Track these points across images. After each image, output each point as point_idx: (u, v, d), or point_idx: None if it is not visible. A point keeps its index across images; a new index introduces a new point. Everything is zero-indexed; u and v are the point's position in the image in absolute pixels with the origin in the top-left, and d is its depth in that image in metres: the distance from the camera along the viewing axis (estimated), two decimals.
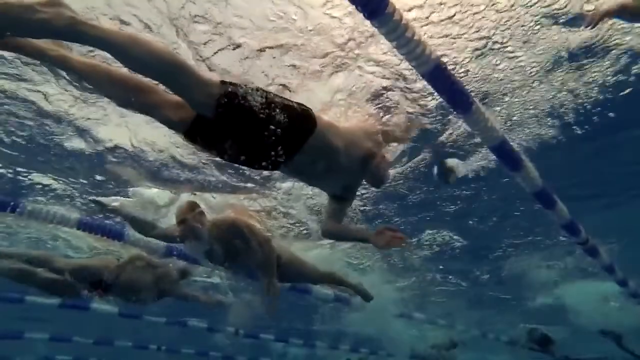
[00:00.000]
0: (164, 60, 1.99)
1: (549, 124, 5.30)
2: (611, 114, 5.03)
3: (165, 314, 8.13)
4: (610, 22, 3.73)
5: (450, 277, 9.19)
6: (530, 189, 3.63)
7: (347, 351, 12.57)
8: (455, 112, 2.61)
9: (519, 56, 4.29)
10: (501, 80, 4.57)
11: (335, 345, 11.98)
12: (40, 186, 5.74)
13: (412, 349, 11.24)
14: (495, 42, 4.11)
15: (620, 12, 2.40)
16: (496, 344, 11.40)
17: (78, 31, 1.78)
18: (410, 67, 2.51)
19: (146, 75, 2.10)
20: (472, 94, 2.87)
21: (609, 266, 5.69)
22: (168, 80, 2.08)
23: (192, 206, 3.83)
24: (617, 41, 4.14)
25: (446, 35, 4.02)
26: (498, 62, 4.32)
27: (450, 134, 5.27)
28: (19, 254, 4.50)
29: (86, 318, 7.98)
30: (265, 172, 5.38)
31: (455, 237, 7.50)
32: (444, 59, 4.10)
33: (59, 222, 3.65)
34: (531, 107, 5.02)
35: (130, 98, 2.16)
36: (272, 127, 2.28)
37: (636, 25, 3.86)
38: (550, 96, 4.86)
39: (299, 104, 2.52)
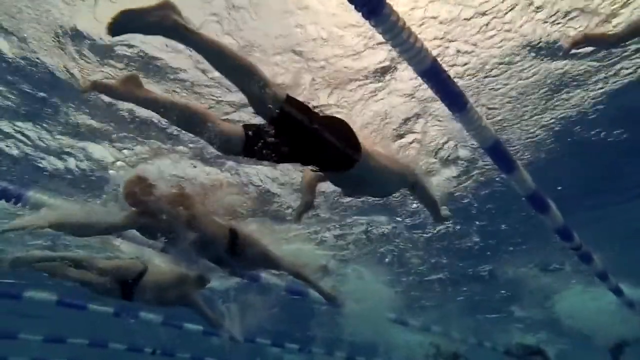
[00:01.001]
0: (244, 64, 2.41)
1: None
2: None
3: (161, 315, 8.13)
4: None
5: (445, 274, 9.16)
6: (523, 192, 3.71)
7: (343, 358, 12.50)
8: (450, 112, 2.68)
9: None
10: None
11: (331, 351, 11.93)
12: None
13: (407, 357, 11.16)
14: None
15: (585, 41, 2.57)
16: (493, 354, 11.32)
17: (178, 33, 2.23)
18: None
19: (226, 75, 2.49)
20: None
21: (602, 273, 5.73)
22: (244, 82, 2.44)
23: (140, 178, 3.67)
24: None
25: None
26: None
27: None
28: (61, 257, 4.72)
29: (81, 317, 7.98)
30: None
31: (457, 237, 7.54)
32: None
33: None
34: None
35: (196, 127, 2.57)
36: (316, 150, 2.65)
37: None
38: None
39: (350, 138, 2.69)
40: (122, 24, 2.15)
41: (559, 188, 6.26)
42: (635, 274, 6.89)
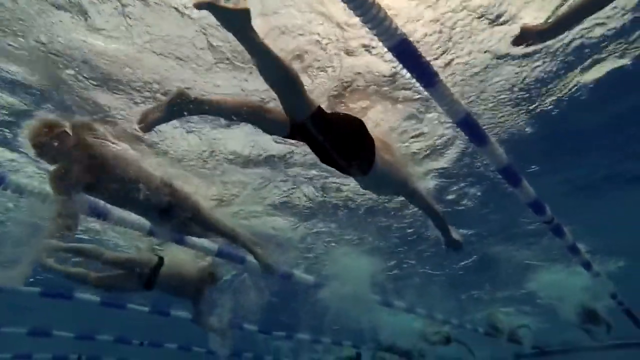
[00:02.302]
0: (291, 76, 2.67)
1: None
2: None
3: (148, 304, 8.18)
4: None
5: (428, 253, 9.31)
6: (496, 166, 3.89)
7: (329, 344, 12.69)
8: (422, 87, 2.80)
9: None
10: None
11: (318, 338, 12.10)
12: None
13: (393, 343, 11.39)
14: None
15: (523, 34, 2.65)
16: (474, 335, 11.62)
17: (245, 34, 2.49)
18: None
19: (270, 81, 2.71)
20: None
21: (573, 246, 6.00)
22: (285, 91, 2.73)
23: (49, 125, 3.12)
24: None
25: None
26: None
27: None
28: (72, 247, 4.76)
29: (67, 308, 7.94)
30: None
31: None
32: None
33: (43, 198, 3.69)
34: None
35: (248, 120, 2.96)
36: (327, 159, 3.09)
37: None
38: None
39: (365, 162, 3.04)
40: (205, 6, 2.41)
41: (534, 167, 6.49)
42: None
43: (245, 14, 2.44)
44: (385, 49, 2.56)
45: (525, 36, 2.64)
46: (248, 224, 7.03)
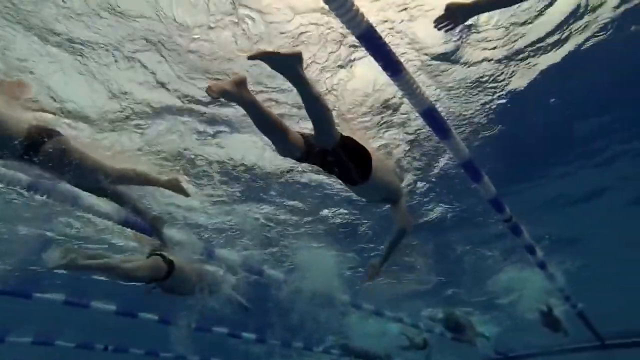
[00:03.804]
0: (328, 112, 3.13)
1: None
2: None
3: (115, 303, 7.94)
4: None
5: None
6: (458, 159, 4.08)
7: (301, 349, 12.62)
8: (388, 75, 2.97)
9: None
10: None
11: (289, 343, 12.02)
12: None
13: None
14: None
15: (449, 14, 2.73)
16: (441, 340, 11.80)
17: (296, 78, 2.87)
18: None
19: (312, 114, 3.11)
20: None
21: (530, 246, 6.27)
22: (323, 121, 3.15)
23: None
24: None
25: None
26: None
27: None
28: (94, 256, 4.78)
29: (26, 309, 7.61)
30: None
31: None
32: None
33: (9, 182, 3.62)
34: None
35: (270, 134, 3.25)
36: (339, 170, 3.57)
37: None
38: None
39: (365, 175, 3.49)
40: (259, 57, 2.70)
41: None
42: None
43: (298, 57, 2.74)
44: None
45: (450, 13, 2.72)
46: None
